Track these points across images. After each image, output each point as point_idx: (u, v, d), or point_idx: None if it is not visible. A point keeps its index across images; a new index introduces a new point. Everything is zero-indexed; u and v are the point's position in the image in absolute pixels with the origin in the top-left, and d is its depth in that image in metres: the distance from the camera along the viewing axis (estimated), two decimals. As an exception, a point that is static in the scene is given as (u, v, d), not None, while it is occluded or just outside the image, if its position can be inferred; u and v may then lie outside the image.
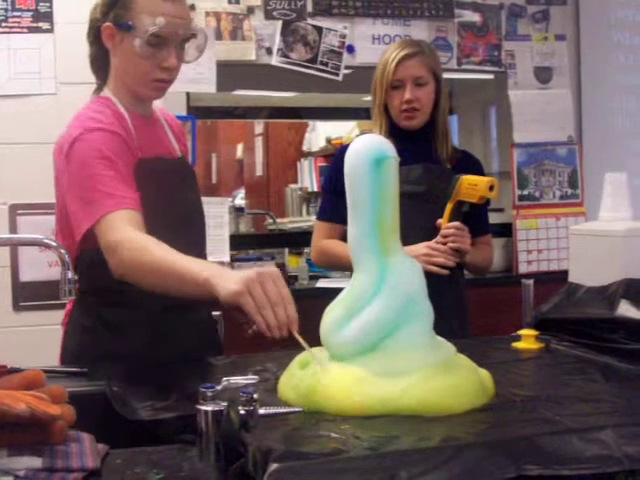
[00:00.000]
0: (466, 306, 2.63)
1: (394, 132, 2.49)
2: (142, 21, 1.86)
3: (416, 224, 2.34)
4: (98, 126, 1.85)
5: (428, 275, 1.55)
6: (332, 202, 2.54)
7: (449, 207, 2.34)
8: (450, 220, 2.35)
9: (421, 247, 2.34)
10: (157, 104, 2.10)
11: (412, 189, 2.45)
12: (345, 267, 2.40)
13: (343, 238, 2.52)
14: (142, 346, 1.89)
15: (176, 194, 1.96)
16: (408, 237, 2.03)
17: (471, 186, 2.31)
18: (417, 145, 2.52)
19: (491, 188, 2.28)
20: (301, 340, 1.47)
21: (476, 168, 2.65)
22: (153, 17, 1.84)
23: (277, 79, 3.59)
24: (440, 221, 2.36)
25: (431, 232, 2.39)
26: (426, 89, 2.51)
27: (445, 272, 2.31)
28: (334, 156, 2.72)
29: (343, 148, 2.62)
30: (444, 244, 2.34)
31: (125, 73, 1.94)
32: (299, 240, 3.94)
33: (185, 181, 2.03)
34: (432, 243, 2.35)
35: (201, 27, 2.01)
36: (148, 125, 2.01)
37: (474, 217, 2.53)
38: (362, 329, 1.44)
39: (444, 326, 1.59)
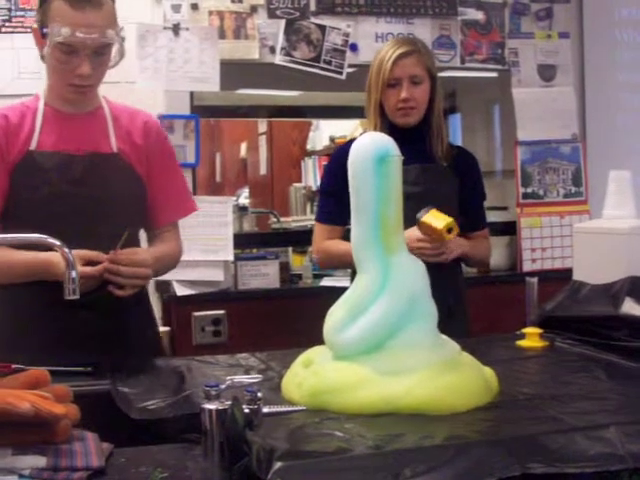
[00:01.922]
0: (463, 291, 2.63)
1: (389, 131, 2.49)
2: (53, 29, 1.89)
3: (414, 224, 2.33)
4: None
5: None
6: (330, 204, 2.54)
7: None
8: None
9: (413, 239, 2.32)
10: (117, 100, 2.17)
11: (410, 189, 2.44)
12: (351, 264, 2.40)
13: (344, 239, 2.52)
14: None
15: (65, 186, 1.97)
16: None
17: (430, 229, 2.25)
18: (413, 144, 2.51)
19: (449, 231, 2.22)
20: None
21: (472, 165, 2.66)
22: (61, 26, 1.88)
23: (280, 78, 3.59)
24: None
25: None
26: (422, 87, 2.51)
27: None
28: (331, 157, 2.72)
29: (340, 148, 2.62)
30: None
31: (49, 75, 2.03)
32: (303, 239, 3.92)
33: (94, 176, 2.01)
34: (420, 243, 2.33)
35: (117, 34, 1.96)
36: (77, 122, 2.05)
37: (470, 214, 2.55)
38: (366, 329, 1.43)
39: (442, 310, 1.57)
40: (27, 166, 1.98)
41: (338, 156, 2.48)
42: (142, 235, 2.24)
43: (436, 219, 2.24)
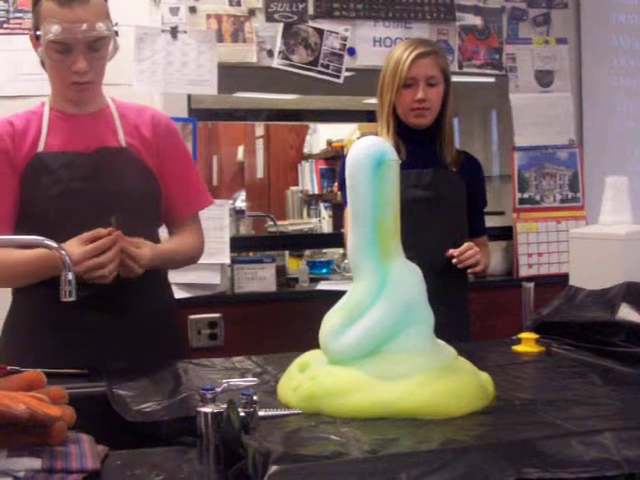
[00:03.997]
0: (467, 305, 2.63)
1: (403, 133, 2.48)
2: (44, 29, 1.91)
3: (427, 229, 2.33)
4: None
5: (432, 275, 1.55)
6: None
7: None
8: None
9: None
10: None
11: (423, 194, 2.44)
12: None
13: None
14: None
15: (75, 183, 1.98)
16: (419, 242, 2.02)
17: None
18: (425, 147, 2.51)
19: None
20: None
21: (478, 172, 2.66)
22: (51, 25, 1.89)
23: (278, 81, 3.59)
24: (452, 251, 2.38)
25: (441, 236, 2.39)
26: (437, 89, 2.50)
27: None
28: (343, 157, 2.73)
29: None
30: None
31: (50, 79, 2.05)
32: (300, 242, 3.93)
33: (104, 171, 2.01)
34: None
35: (108, 27, 1.97)
36: (83, 121, 2.06)
37: (472, 220, 2.55)
38: (362, 335, 1.43)
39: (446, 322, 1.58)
40: (36, 168, 1.98)
41: None
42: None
43: None
